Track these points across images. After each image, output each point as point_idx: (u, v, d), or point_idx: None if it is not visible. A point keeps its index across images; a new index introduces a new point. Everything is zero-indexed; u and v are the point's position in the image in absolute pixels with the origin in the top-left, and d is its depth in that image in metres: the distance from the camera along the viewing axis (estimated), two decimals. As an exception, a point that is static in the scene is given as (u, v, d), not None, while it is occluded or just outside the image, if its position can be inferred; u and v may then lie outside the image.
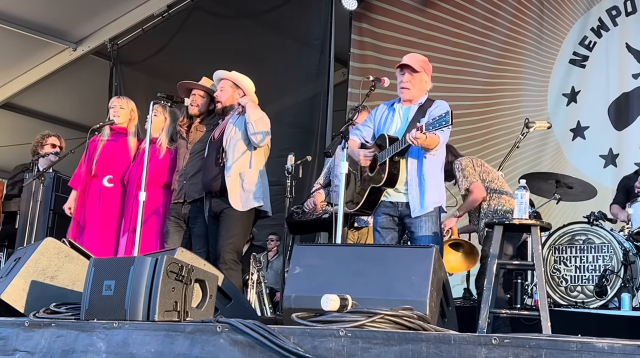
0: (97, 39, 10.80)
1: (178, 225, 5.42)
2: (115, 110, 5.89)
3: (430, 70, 4.78)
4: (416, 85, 4.66)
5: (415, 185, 4.52)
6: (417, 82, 4.66)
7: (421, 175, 4.52)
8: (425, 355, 2.40)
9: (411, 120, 4.61)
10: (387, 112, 4.79)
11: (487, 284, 4.20)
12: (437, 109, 4.57)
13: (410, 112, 4.67)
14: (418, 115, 4.60)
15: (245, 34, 9.90)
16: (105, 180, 5.70)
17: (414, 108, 4.67)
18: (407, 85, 4.65)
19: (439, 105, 4.62)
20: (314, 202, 5.61)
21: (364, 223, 5.72)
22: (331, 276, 3.27)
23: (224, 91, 5.39)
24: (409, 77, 4.64)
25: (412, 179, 4.53)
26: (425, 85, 4.72)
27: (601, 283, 5.71)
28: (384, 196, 4.61)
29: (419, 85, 4.68)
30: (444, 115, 4.13)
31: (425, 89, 4.73)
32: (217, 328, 2.77)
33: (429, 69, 4.76)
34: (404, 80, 4.66)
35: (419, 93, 4.69)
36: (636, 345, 2.14)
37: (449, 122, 4.11)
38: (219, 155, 5.19)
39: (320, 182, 5.83)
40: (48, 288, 3.76)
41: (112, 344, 2.98)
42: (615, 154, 7.86)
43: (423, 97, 4.71)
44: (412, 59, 4.70)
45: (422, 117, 4.54)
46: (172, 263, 3.15)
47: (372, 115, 4.87)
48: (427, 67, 4.73)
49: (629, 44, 7.93)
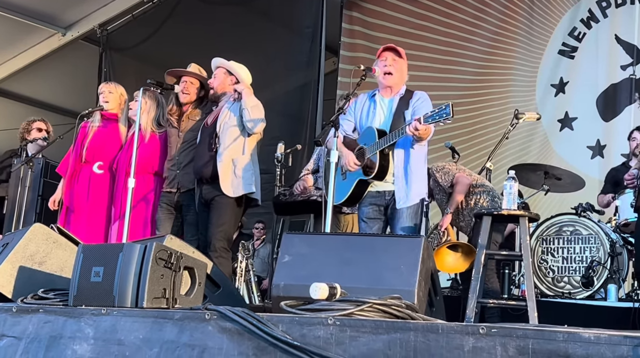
0: (87, 24, 10.73)
1: (169, 213, 5.41)
2: (104, 95, 5.86)
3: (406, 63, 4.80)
4: (398, 71, 4.67)
5: (402, 176, 4.52)
6: (399, 68, 4.67)
7: (407, 167, 4.53)
8: (413, 344, 2.41)
9: (395, 112, 4.61)
10: (367, 103, 4.78)
11: (475, 274, 4.21)
12: (419, 100, 4.59)
13: (393, 103, 4.67)
14: (401, 106, 4.60)
15: (236, 21, 9.86)
16: (96, 167, 5.68)
17: (396, 99, 4.67)
18: (390, 70, 4.64)
19: (420, 96, 4.63)
20: (303, 185, 5.59)
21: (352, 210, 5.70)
22: (320, 265, 3.28)
23: (217, 78, 5.39)
24: (393, 61, 4.65)
25: (399, 170, 4.53)
26: (405, 75, 4.74)
27: (588, 274, 5.76)
28: (371, 186, 4.61)
29: (401, 72, 4.69)
30: (444, 108, 4.11)
31: (404, 79, 4.74)
32: (206, 315, 2.77)
33: (406, 60, 4.77)
34: (387, 64, 4.65)
35: (399, 81, 4.70)
36: (622, 335, 2.16)
37: (450, 115, 4.09)
38: (211, 140, 5.17)
39: (309, 168, 5.82)
40: (36, 274, 3.75)
41: (100, 330, 2.98)
42: (603, 145, 7.90)
43: (403, 87, 4.72)
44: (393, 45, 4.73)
45: (405, 109, 4.55)
46: (161, 250, 3.15)
47: (351, 108, 4.83)
48: (405, 57, 4.75)
49: (618, 35, 7.95)
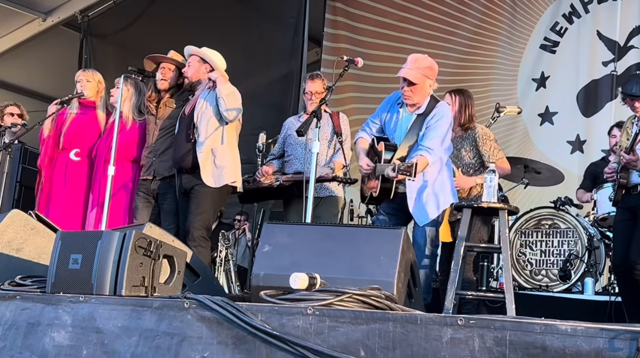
0: (68, 9, 10.60)
1: (147, 201, 5.38)
2: (82, 84, 5.81)
3: (435, 73, 4.71)
4: (417, 93, 4.64)
5: (413, 198, 4.54)
6: (418, 91, 4.63)
7: (422, 185, 4.54)
8: (392, 335, 2.42)
9: (409, 130, 4.64)
10: (392, 110, 4.80)
11: (454, 266, 4.23)
12: (433, 119, 4.59)
13: (410, 120, 4.68)
14: (416, 125, 4.61)
15: (219, 10, 9.79)
16: (73, 154, 5.64)
17: (414, 116, 4.67)
18: (407, 95, 4.64)
19: (435, 114, 4.61)
20: (264, 171, 5.57)
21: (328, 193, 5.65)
22: (300, 255, 3.28)
23: (191, 66, 5.33)
24: (409, 89, 4.63)
25: (411, 191, 4.55)
26: (429, 89, 4.69)
27: (565, 267, 5.81)
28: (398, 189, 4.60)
29: (421, 92, 4.65)
30: (411, 165, 4.14)
31: (427, 92, 4.69)
32: (185, 304, 2.77)
33: (433, 72, 4.69)
34: (404, 92, 4.65)
35: (420, 98, 4.67)
36: (598, 328, 2.18)
37: (412, 176, 4.13)
38: (189, 131, 5.14)
39: (274, 153, 5.81)
40: (13, 260, 3.72)
41: (78, 318, 2.96)
42: (583, 141, 7.95)
43: (425, 101, 4.68)
44: (412, 69, 4.62)
45: (419, 130, 4.57)
46: (141, 238, 3.13)
47: (379, 110, 4.88)
48: (430, 73, 4.66)
49: (600, 31, 7.99)
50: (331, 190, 5.47)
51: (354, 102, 9.55)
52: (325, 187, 5.45)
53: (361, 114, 8.64)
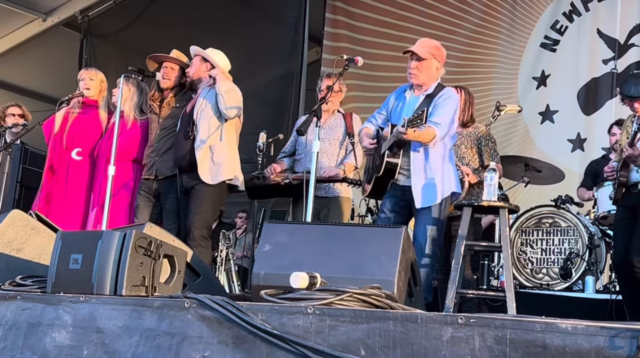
0: (68, 9, 10.60)
1: (148, 200, 5.38)
2: (85, 82, 5.80)
3: (443, 56, 4.67)
4: (424, 71, 4.57)
5: (420, 176, 4.44)
6: (425, 69, 4.57)
7: (426, 166, 4.45)
8: (392, 334, 2.42)
9: (416, 109, 4.49)
10: (399, 98, 4.73)
11: (454, 265, 4.24)
12: (440, 97, 4.51)
13: (417, 101, 4.59)
14: (423, 105, 4.48)
15: (219, 10, 9.80)
16: (74, 153, 5.64)
17: (421, 98, 4.59)
18: (414, 72, 4.57)
19: (443, 94, 4.53)
20: (274, 168, 5.58)
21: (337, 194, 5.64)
22: (300, 254, 3.28)
23: (193, 65, 5.36)
24: (416, 64, 4.57)
25: (417, 169, 4.45)
26: (436, 72, 4.62)
27: (566, 266, 5.80)
28: (396, 180, 4.55)
29: (428, 71, 4.58)
30: (420, 114, 4.10)
31: (436, 75, 4.63)
32: (185, 303, 2.77)
33: (441, 54, 4.66)
34: (411, 67, 4.59)
35: (428, 79, 4.59)
36: (599, 326, 2.18)
37: (423, 121, 4.08)
38: (189, 128, 5.15)
39: (286, 150, 5.82)
40: (14, 260, 3.72)
41: (79, 318, 2.96)
42: (583, 139, 7.95)
43: (433, 83, 4.61)
44: (420, 45, 4.61)
45: (427, 106, 4.43)
46: (141, 238, 3.13)
47: (386, 101, 4.82)
48: (437, 53, 4.62)
49: (600, 29, 7.99)
50: (340, 191, 5.46)
51: (355, 101, 9.54)
52: (334, 188, 5.44)
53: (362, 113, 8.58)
